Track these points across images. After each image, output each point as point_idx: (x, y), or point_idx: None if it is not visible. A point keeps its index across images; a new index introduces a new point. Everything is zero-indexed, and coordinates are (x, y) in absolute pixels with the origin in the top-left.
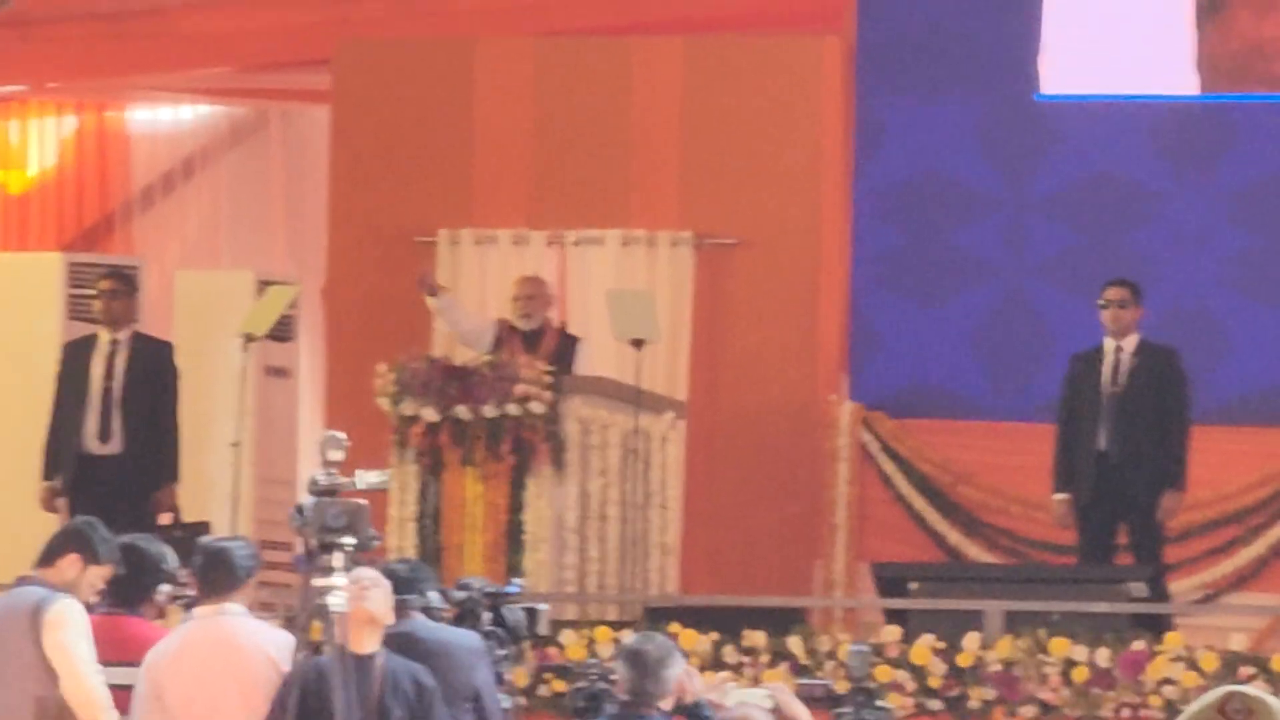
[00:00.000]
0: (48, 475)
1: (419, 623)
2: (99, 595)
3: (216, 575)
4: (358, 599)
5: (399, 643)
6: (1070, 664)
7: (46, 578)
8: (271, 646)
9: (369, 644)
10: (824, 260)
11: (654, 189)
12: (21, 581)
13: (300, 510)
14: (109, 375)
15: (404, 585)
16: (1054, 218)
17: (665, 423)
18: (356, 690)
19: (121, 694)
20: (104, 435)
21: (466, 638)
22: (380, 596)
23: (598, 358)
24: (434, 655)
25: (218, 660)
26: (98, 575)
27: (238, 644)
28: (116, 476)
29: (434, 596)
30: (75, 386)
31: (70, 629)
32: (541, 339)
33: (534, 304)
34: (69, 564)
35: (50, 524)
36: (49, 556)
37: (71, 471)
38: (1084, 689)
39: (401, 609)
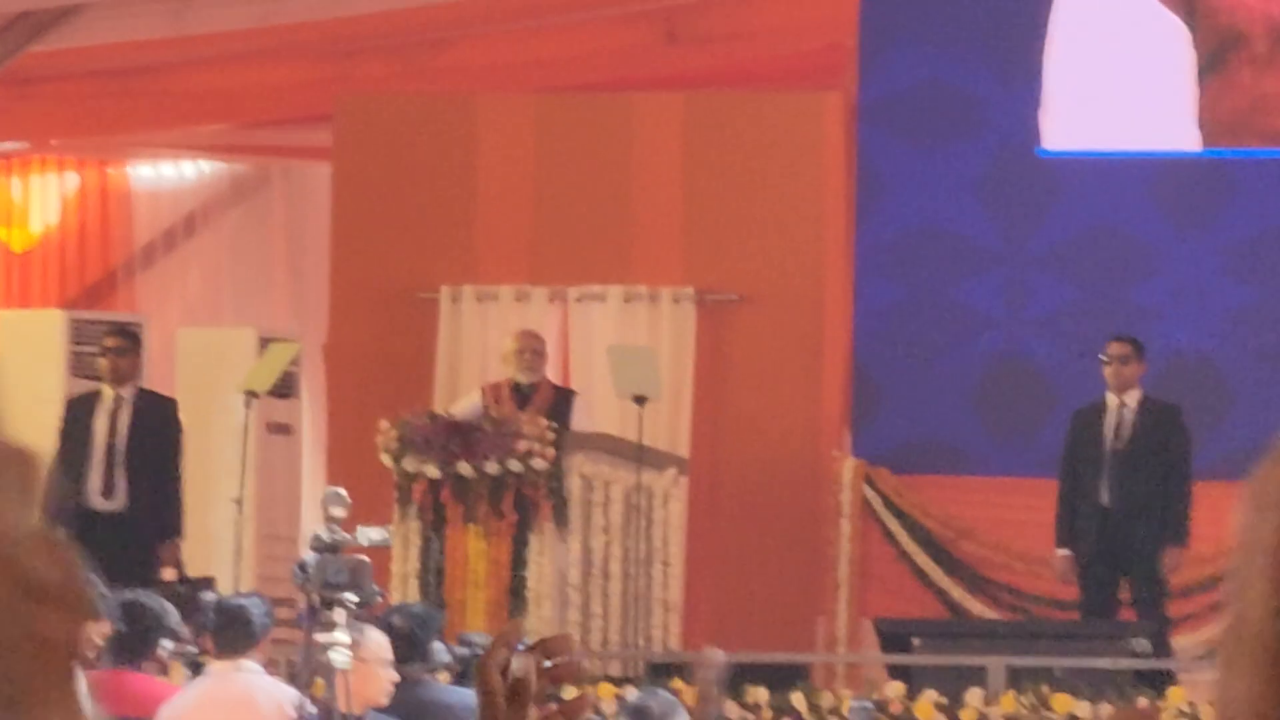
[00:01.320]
0: None
1: (422, 681)
2: (99, 651)
3: (233, 632)
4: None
5: (401, 699)
6: None
7: None
8: (288, 704)
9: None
10: (826, 315)
11: (656, 245)
12: None
13: (303, 566)
14: (113, 431)
15: (407, 643)
16: (1055, 272)
17: (668, 479)
18: None
19: None
20: (107, 491)
21: (469, 697)
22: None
23: (600, 414)
24: (435, 714)
25: (236, 717)
26: (95, 631)
27: (255, 701)
28: (120, 532)
29: (438, 648)
30: (78, 443)
31: None
32: (535, 395)
33: (538, 358)
34: None
35: None
36: None
37: (73, 528)
38: None
39: (404, 668)
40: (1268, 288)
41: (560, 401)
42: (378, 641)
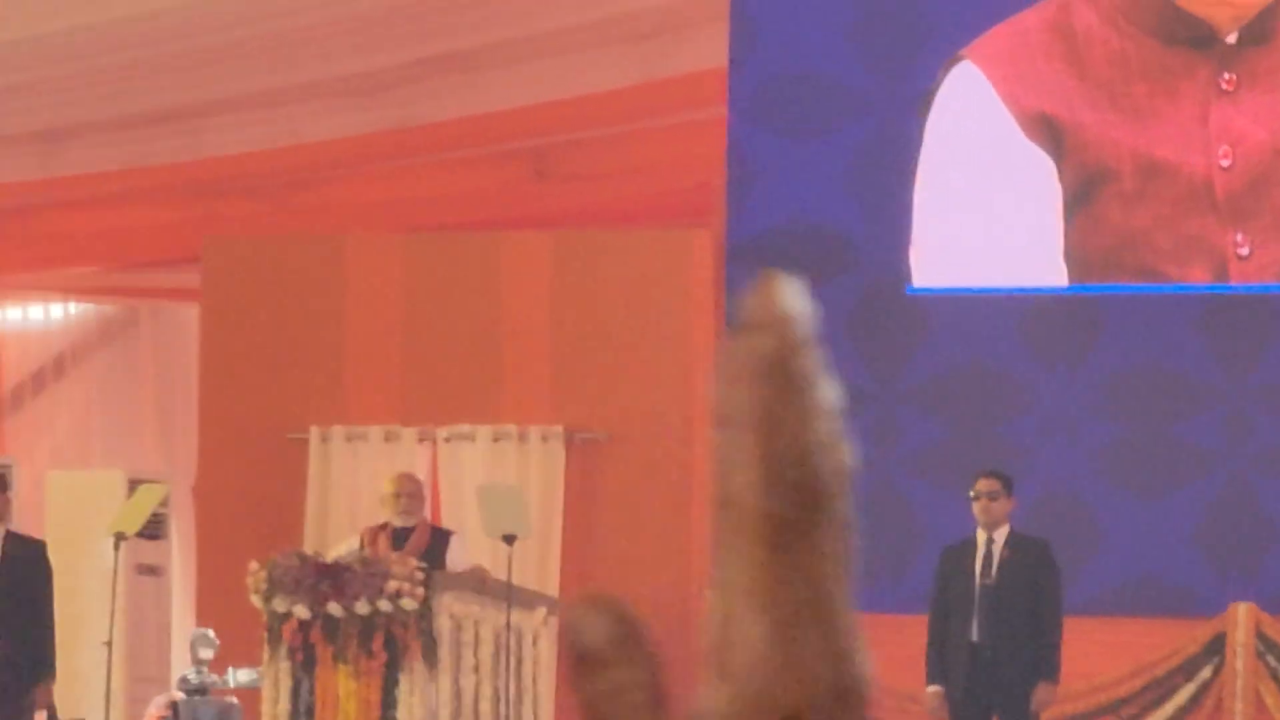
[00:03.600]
0: None
1: None
2: None
3: None
4: None
5: None
6: None
7: None
8: None
9: None
10: (695, 454)
11: (525, 383)
12: None
13: (173, 708)
14: None
15: None
16: (925, 409)
17: (537, 618)
18: None
19: None
20: None
21: None
22: None
23: (470, 552)
24: None
25: None
26: None
27: None
28: None
29: None
30: None
31: None
32: (410, 536)
33: (414, 501)
34: None
35: None
36: None
37: None
38: None
39: None
40: (1136, 423)
41: (436, 542)
42: None
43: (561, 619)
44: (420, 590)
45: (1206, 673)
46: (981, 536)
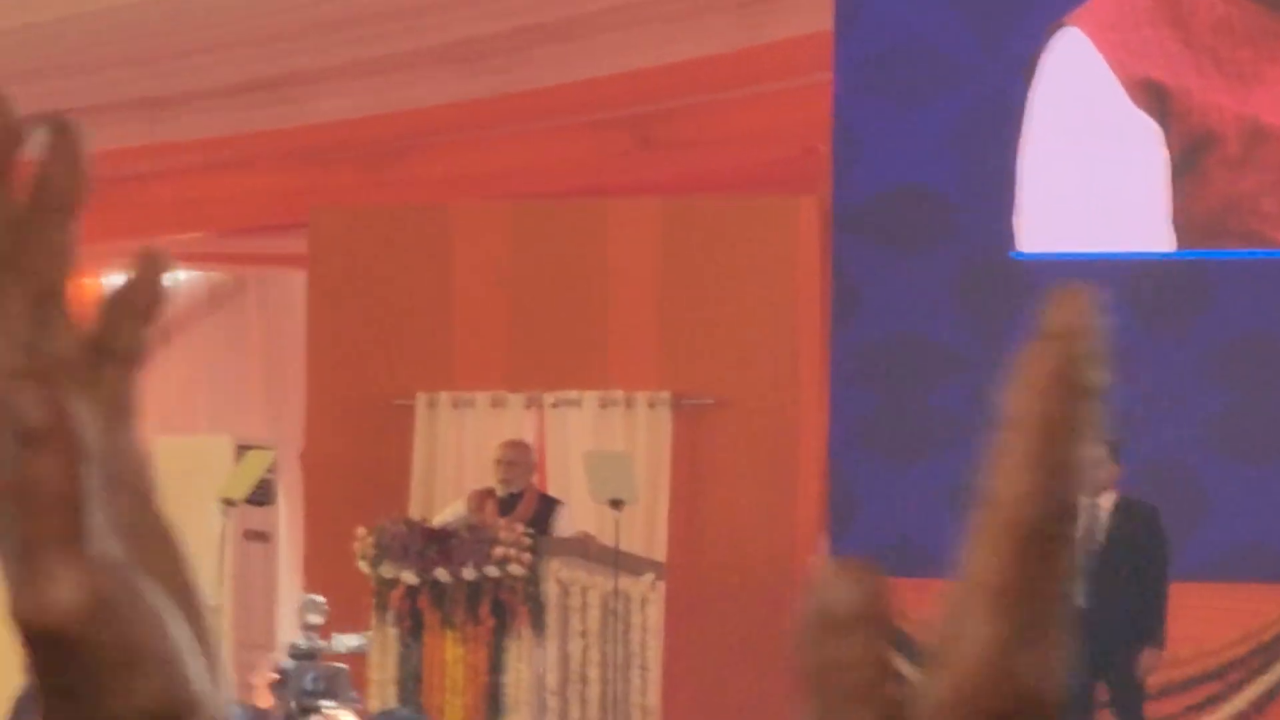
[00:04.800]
0: None
1: None
2: None
3: None
4: None
5: None
6: None
7: None
8: None
9: None
10: (802, 420)
11: (632, 350)
12: None
13: (281, 674)
14: None
15: None
16: None
17: (645, 584)
18: None
19: None
20: None
21: None
22: None
23: (577, 519)
24: None
25: None
26: None
27: None
28: None
29: None
30: None
31: None
32: (519, 503)
33: (514, 470)
34: None
35: None
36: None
37: None
38: None
39: None
40: (1244, 390)
41: (544, 509)
42: None
43: (811, 578)
44: (527, 556)
45: None
46: (1087, 503)
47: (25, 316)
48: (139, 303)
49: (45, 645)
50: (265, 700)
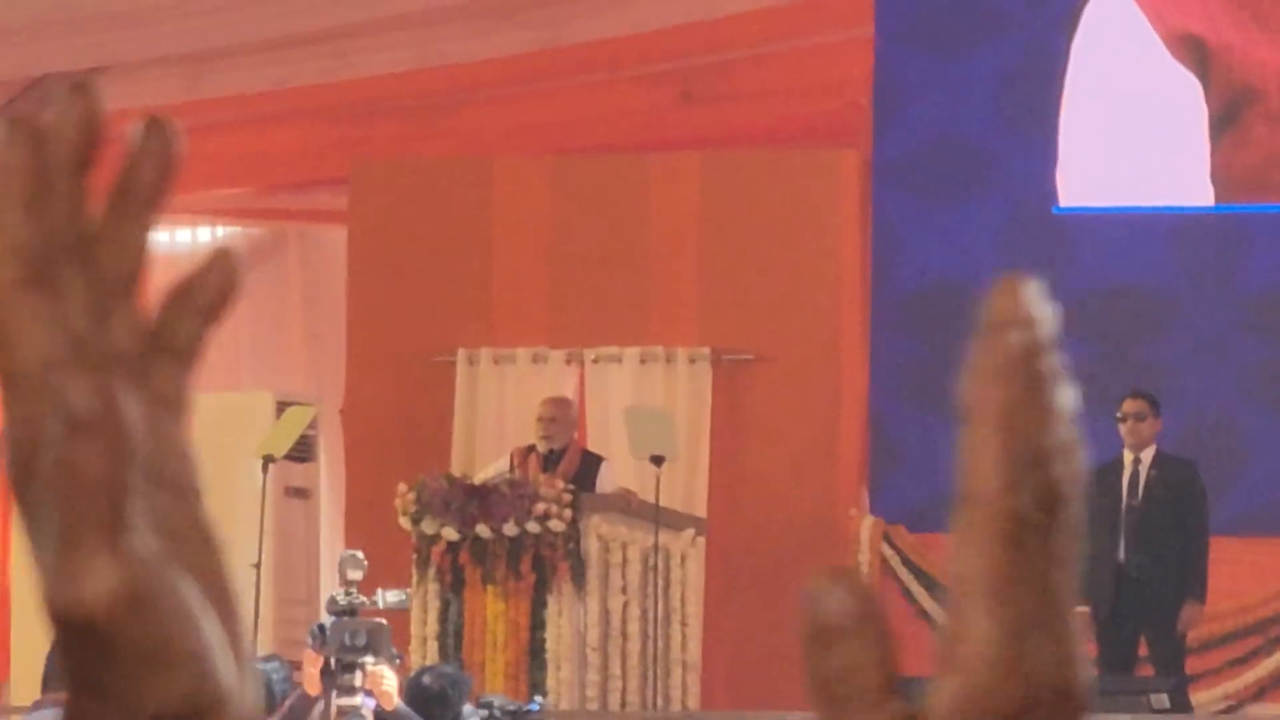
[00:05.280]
0: None
1: None
2: None
3: None
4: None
5: None
6: None
7: (61, 700)
8: None
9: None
10: (843, 374)
11: (672, 305)
12: (39, 705)
13: (320, 630)
14: None
15: (438, 702)
16: (1072, 330)
17: (685, 539)
18: None
19: None
20: None
21: None
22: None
23: (617, 475)
24: None
25: None
26: None
27: None
28: None
29: (468, 711)
30: None
31: None
32: (561, 460)
33: (555, 426)
34: None
35: None
36: (53, 679)
37: None
38: None
39: None
40: None
41: (587, 466)
42: None
43: (804, 593)
44: (568, 512)
45: None
46: (1128, 457)
47: (87, 308)
48: (203, 300)
49: (77, 635)
50: (314, 686)
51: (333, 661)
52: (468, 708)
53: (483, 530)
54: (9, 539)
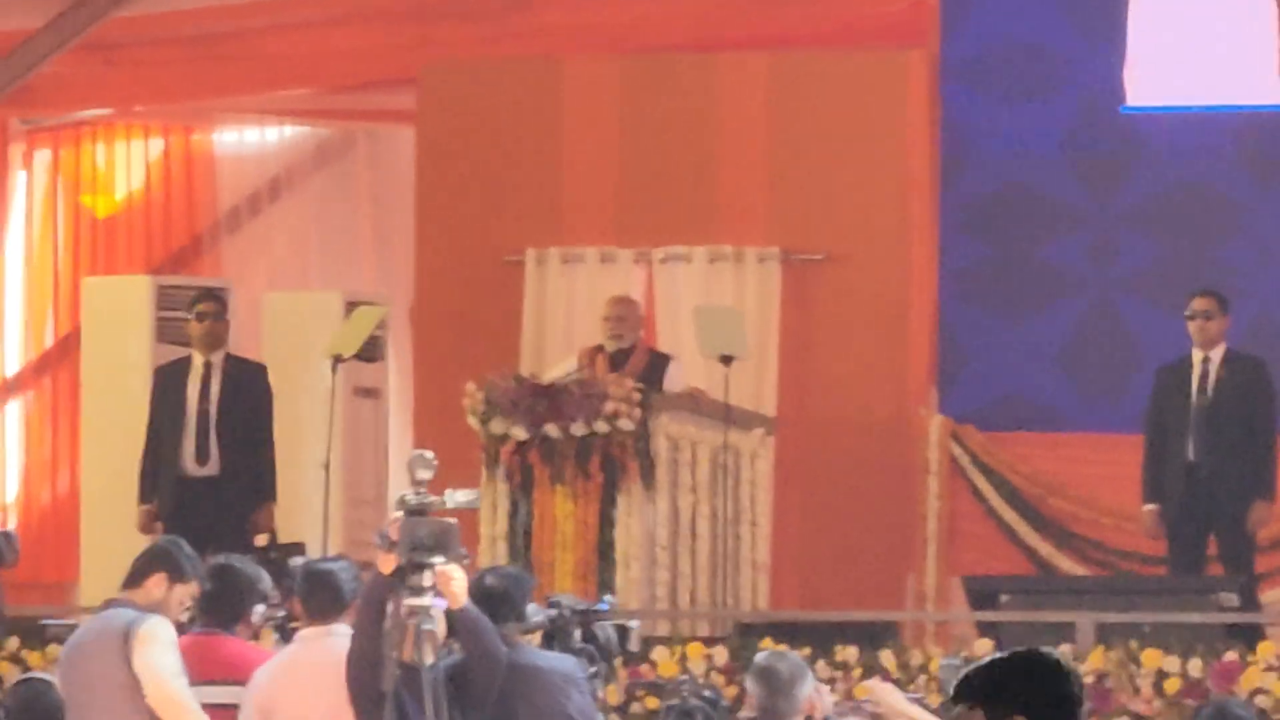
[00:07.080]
0: (145, 499)
1: (516, 644)
2: (190, 614)
3: (322, 598)
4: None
5: None
6: (1162, 675)
7: (134, 599)
8: None
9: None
10: (911, 274)
11: (740, 205)
12: (110, 604)
13: (386, 531)
14: (204, 398)
15: (502, 602)
16: (1140, 230)
17: (755, 439)
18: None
19: (219, 712)
20: (201, 458)
21: (561, 662)
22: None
23: (687, 374)
24: (528, 677)
25: (329, 681)
26: (185, 593)
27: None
28: (214, 498)
29: (532, 609)
30: (171, 410)
31: (157, 643)
32: (629, 359)
33: (623, 325)
34: (155, 584)
35: None
36: (135, 578)
37: (169, 494)
38: (1176, 700)
39: (500, 628)
40: None
41: (654, 365)
42: None
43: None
44: (637, 411)
45: None
46: (1197, 356)
47: None
48: None
49: None
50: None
51: (403, 561)
52: (533, 606)
53: (551, 430)
54: (78, 440)
